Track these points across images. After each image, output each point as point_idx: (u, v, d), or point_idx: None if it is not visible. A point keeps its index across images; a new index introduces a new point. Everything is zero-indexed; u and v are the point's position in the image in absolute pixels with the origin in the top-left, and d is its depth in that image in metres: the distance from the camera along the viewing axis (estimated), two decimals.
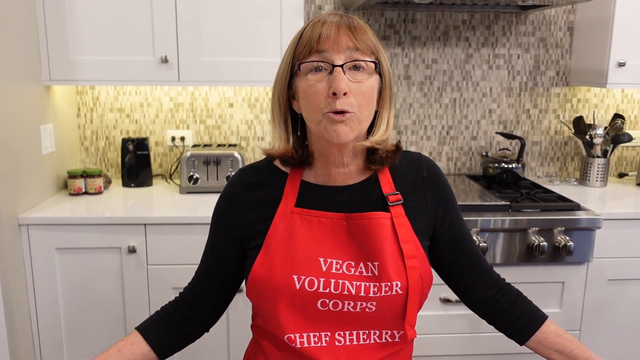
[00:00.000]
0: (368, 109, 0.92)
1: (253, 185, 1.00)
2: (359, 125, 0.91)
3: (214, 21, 1.99)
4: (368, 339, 0.95)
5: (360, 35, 0.90)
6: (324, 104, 0.88)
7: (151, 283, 1.87)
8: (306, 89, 0.90)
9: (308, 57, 0.89)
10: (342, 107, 0.87)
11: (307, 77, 0.90)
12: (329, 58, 0.88)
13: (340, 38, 0.88)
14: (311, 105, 0.90)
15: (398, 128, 2.41)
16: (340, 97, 0.87)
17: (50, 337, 1.89)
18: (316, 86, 0.89)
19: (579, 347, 0.98)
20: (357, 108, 0.89)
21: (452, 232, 1.03)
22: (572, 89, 2.44)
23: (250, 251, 0.98)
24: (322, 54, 0.89)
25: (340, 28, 0.89)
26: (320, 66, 0.89)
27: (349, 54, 0.89)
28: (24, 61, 1.86)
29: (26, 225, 1.81)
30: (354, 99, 0.88)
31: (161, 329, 1.01)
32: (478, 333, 1.93)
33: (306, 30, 0.92)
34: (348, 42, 0.88)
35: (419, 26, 2.33)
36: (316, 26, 0.90)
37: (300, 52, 0.90)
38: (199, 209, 1.93)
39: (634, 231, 1.94)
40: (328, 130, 0.89)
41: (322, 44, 0.88)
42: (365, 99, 0.90)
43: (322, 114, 0.89)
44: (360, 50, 0.89)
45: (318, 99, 0.89)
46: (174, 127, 2.37)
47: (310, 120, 0.92)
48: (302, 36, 0.92)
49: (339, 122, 0.88)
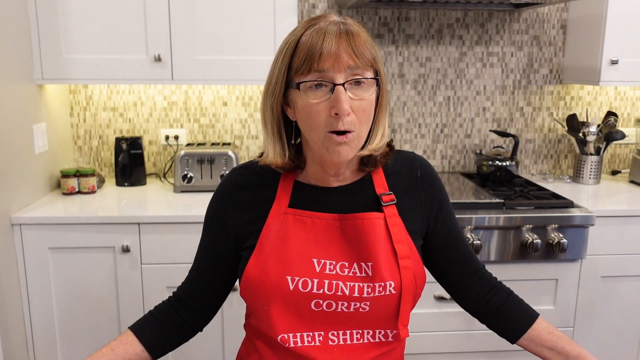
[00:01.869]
0: (367, 125, 0.91)
1: (246, 186, 1.00)
2: (359, 143, 0.91)
3: (207, 19, 1.98)
4: (361, 339, 0.95)
5: (359, 48, 0.87)
6: (325, 123, 0.87)
7: (145, 282, 1.86)
8: (306, 108, 0.88)
9: (307, 75, 0.87)
10: (345, 127, 0.86)
11: (307, 94, 0.87)
12: (330, 77, 0.86)
13: (341, 56, 0.85)
14: (312, 124, 0.88)
15: (392, 126, 2.41)
16: (343, 117, 0.86)
17: (43, 337, 1.88)
18: (317, 106, 0.87)
19: (570, 344, 0.98)
20: (357, 126, 0.88)
21: (445, 231, 1.03)
22: (566, 87, 2.45)
23: (243, 252, 0.98)
24: (322, 73, 0.86)
25: (340, 43, 0.86)
26: (321, 83, 0.87)
27: (350, 72, 0.87)
28: (16, 60, 1.85)
29: (19, 225, 1.80)
30: (355, 117, 0.87)
31: (154, 329, 1.00)
32: (472, 330, 1.94)
33: (303, 40, 0.88)
34: (349, 61, 0.86)
35: (413, 24, 2.33)
36: (314, 39, 0.86)
37: (299, 66, 0.87)
38: (193, 207, 1.92)
39: (626, 228, 1.95)
40: (330, 151, 0.88)
41: (323, 62, 0.85)
42: (366, 115, 0.89)
43: (324, 133, 0.88)
44: (361, 66, 0.87)
45: (319, 119, 0.87)
46: (167, 126, 2.36)
47: (311, 138, 0.91)
48: (298, 45, 0.88)
49: (341, 144, 0.87)
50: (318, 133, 0.88)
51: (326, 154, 0.89)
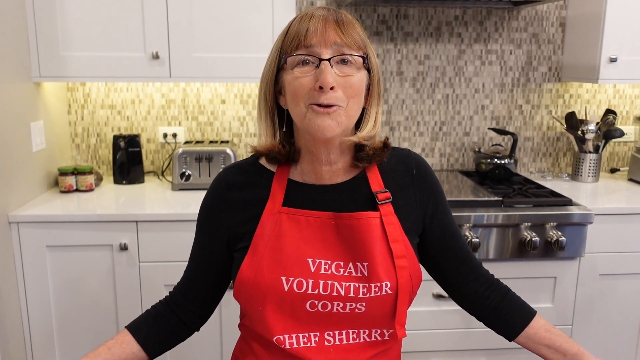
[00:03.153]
0: (357, 103, 0.90)
1: (238, 185, 0.98)
2: (347, 120, 0.89)
3: (205, 17, 1.98)
4: (358, 338, 0.95)
5: (348, 29, 0.89)
6: (309, 95, 0.87)
7: (143, 280, 1.86)
8: (292, 81, 0.89)
9: (295, 51, 0.88)
10: (328, 101, 0.86)
11: (294, 70, 0.89)
12: (316, 52, 0.87)
13: (328, 32, 0.87)
14: (296, 97, 0.88)
15: (391, 124, 2.41)
16: (326, 91, 0.86)
17: (41, 335, 1.88)
18: (302, 79, 0.87)
19: (568, 342, 0.98)
20: (345, 101, 0.88)
21: (442, 229, 1.02)
22: (564, 85, 2.44)
23: (237, 252, 0.96)
24: (309, 49, 0.87)
25: (327, 22, 0.88)
26: (307, 59, 0.88)
27: (337, 49, 0.88)
28: (14, 57, 1.85)
29: (16, 223, 1.79)
30: (341, 92, 0.87)
31: (151, 328, 1.00)
32: (471, 328, 1.94)
33: (293, 24, 0.91)
34: (335, 37, 0.87)
35: (412, 22, 2.33)
36: (303, 20, 0.89)
37: (288, 46, 0.89)
38: (191, 205, 1.92)
39: (625, 226, 1.95)
40: (312, 124, 0.87)
41: (310, 38, 0.87)
42: (354, 92, 0.89)
43: (305, 105, 0.87)
44: (348, 45, 0.88)
45: (303, 92, 0.87)
46: (165, 124, 2.36)
47: (296, 113, 0.90)
48: (289, 30, 0.91)
49: (323, 115, 0.86)
50: (301, 107, 0.88)
51: (310, 128, 0.88)
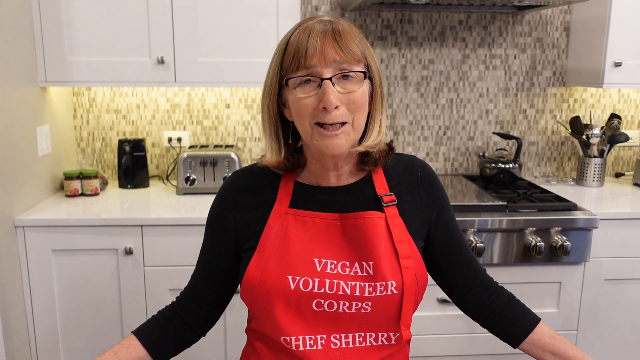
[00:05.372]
0: (362, 115, 0.92)
1: (247, 188, 1.01)
2: (355, 134, 0.92)
3: (210, 22, 1.99)
4: (364, 342, 0.95)
5: (346, 43, 0.89)
6: (312, 115, 0.89)
7: (148, 285, 1.86)
8: (295, 102, 0.90)
9: (296, 72, 0.89)
10: (333, 120, 0.88)
11: (296, 90, 0.90)
12: (317, 72, 0.88)
13: (327, 51, 0.88)
14: (301, 117, 0.90)
15: (395, 129, 2.41)
16: (331, 111, 0.87)
17: (46, 339, 1.88)
18: (305, 100, 0.89)
19: (572, 349, 0.98)
20: (350, 117, 0.90)
21: (446, 234, 1.03)
22: (569, 89, 2.44)
23: (244, 253, 0.98)
24: (310, 70, 0.88)
25: (325, 39, 0.88)
26: (309, 79, 0.89)
27: (337, 66, 0.88)
28: (20, 62, 1.86)
29: (22, 227, 1.80)
30: (345, 109, 0.89)
31: (158, 333, 1.00)
32: (475, 333, 1.93)
33: (292, 40, 0.91)
34: (335, 55, 0.88)
35: (416, 26, 2.33)
36: (301, 37, 0.89)
37: (288, 65, 0.90)
38: (196, 210, 1.92)
39: (630, 231, 1.94)
40: (320, 144, 0.90)
41: (310, 59, 0.88)
42: (357, 107, 0.90)
43: (311, 125, 0.89)
44: (348, 61, 0.88)
45: (307, 112, 0.89)
46: (170, 128, 2.37)
47: (302, 131, 0.93)
48: (287, 47, 0.91)
49: (331, 137, 0.89)
50: (304, 126, 0.90)
51: (318, 147, 0.91)
